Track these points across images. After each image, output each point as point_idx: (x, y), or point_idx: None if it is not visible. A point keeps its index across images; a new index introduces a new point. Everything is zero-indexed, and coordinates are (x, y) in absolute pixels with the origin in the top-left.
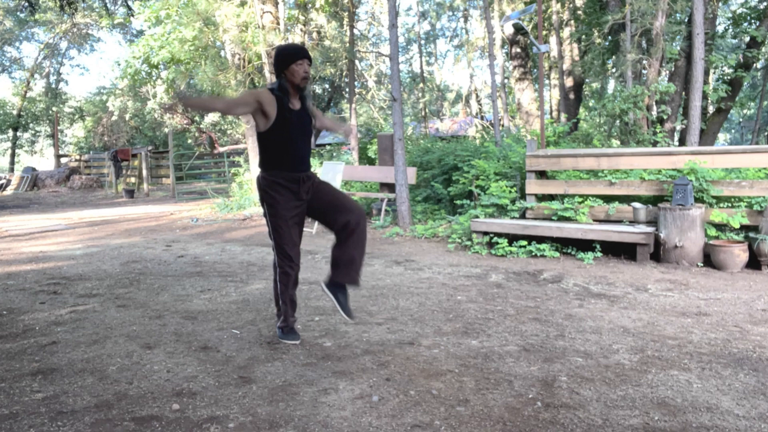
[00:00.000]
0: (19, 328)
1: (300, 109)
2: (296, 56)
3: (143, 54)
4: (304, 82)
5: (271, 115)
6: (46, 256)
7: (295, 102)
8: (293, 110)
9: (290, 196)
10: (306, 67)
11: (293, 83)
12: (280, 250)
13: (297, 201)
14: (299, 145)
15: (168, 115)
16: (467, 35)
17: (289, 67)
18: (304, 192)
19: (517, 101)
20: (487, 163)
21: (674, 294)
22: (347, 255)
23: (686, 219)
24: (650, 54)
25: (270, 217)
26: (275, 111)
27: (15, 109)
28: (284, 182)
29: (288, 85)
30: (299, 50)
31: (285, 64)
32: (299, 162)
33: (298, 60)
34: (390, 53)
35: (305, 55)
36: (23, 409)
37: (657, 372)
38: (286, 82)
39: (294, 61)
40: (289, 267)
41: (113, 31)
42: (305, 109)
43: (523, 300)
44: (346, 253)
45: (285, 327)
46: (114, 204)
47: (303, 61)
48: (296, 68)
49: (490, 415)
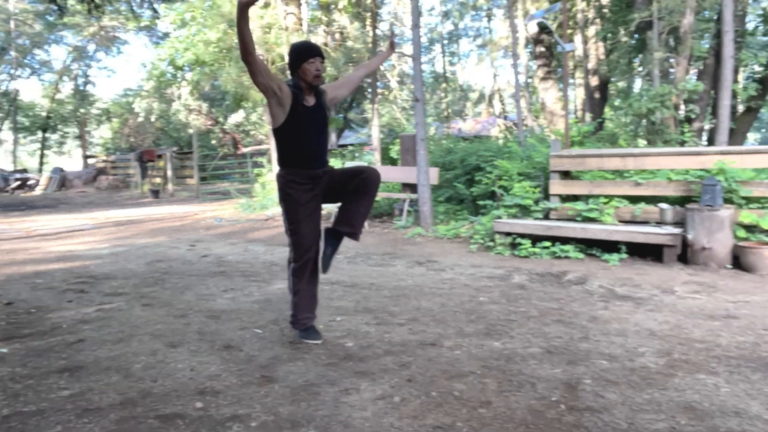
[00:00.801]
0: (47, 326)
1: (314, 105)
2: (307, 54)
3: (168, 56)
4: (317, 80)
5: (286, 108)
6: (74, 255)
7: (310, 99)
8: (307, 107)
9: (307, 192)
10: (318, 65)
11: (306, 81)
12: (297, 244)
13: (312, 194)
14: (313, 142)
15: (192, 116)
16: (490, 34)
17: (301, 66)
18: (320, 188)
19: (541, 101)
20: (510, 163)
21: (702, 296)
22: (354, 206)
23: (715, 220)
24: (678, 52)
25: (287, 214)
26: (289, 106)
27: (44, 110)
28: (300, 180)
29: (301, 83)
30: (310, 48)
31: (297, 62)
32: (314, 159)
33: (310, 58)
34: (413, 53)
35: (316, 53)
36: (50, 406)
37: (684, 375)
38: (300, 80)
39: (306, 59)
40: (305, 260)
41: (139, 33)
42: (320, 104)
43: (547, 302)
44: (354, 205)
45: (295, 322)
46: (139, 204)
47: (315, 59)
48: (308, 67)
49: (513, 417)
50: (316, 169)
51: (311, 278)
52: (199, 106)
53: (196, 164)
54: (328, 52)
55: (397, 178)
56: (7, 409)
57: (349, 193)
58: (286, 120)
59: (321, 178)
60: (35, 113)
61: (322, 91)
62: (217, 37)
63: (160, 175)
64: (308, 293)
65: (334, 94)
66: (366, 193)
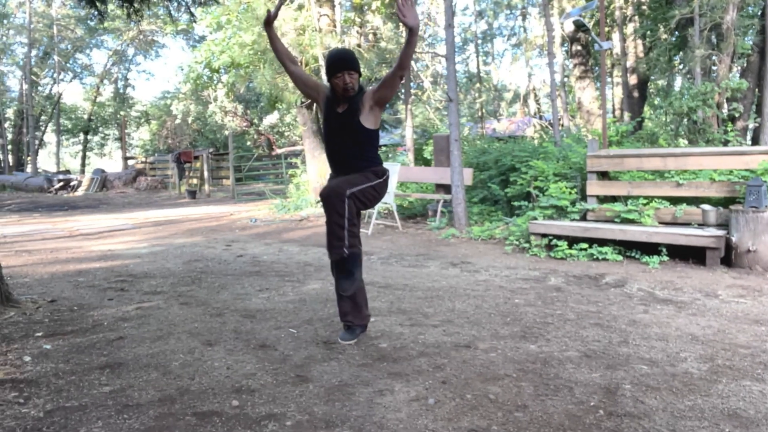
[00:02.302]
0: (89, 323)
1: (345, 111)
2: (333, 70)
3: (205, 59)
4: (346, 93)
5: (321, 109)
6: (114, 255)
7: (343, 105)
8: (336, 112)
9: None
10: (346, 78)
11: (336, 93)
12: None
13: None
14: (336, 148)
15: (228, 118)
16: (525, 33)
17: (330, 80)
18: None
19: (577, 100)
20: (545, 163)
21: (747, 300)
22: None
23: (760, 222)
24: (720, 49)
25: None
26: (323, 109)
27: (86, 113)
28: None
29: (332, 93)
30: (336, 64)
31: (327, 75)
32: (337, 164)
33: (337, 73)
34: (446, 53)
35: (343, 68)
36: (92, 402)
37: (728, 382)
38: (331, 90)
39: (333, 74)
40: (357, 251)
41: (177, 37)
42: (351, 110)
43: (584, 304)
44: None
45: (343, 324)
46: (177, 204)
47: (341, 74)
48: (336, 81)
49: (550, 422)
50: (337, 174)
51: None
52: (234, 107)
53: (231, 165)
54: (362, 53)
55: (431, 178)
56: (50, 404)
57: None
58: (322, 124)
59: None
60: (77, 116)
61: (358, 97)
62: (251, 39)
63: (197, 176)
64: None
65: (378, 96)
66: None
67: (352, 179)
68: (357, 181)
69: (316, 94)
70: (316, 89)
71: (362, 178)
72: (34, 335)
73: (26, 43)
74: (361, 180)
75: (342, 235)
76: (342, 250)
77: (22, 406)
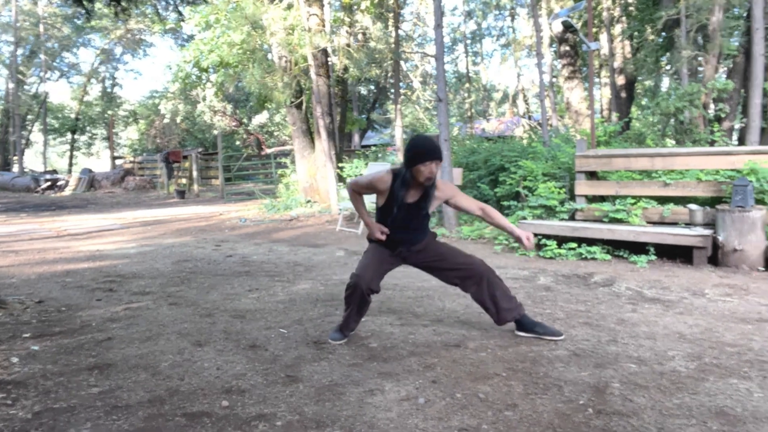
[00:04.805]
0: (77, 324)
1: (416, 202)
2: (425, 158)
3: (193, 58)
4: (428, 181)
5: (384, 198)
6: (102, 255)
7: (414, 193)
8: (403, 204)
9: (389, 251)
10: (433, 168)
11: (417, 180)
12: (360, 267)
13: (394, 256)
14: (399, 230)
15: (217, 117)
16: (514, 34)
17: (416, 166)
18: (403, 255)
19: (565, 100)
20: (534, 163)
21: (733, 299)
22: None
23: (746, 221)
24: (707, 50)
25: (368, 249)
26: (384, 201)
27: (73, 112)
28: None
29: (411, 180)
30: (428, 152)
31: (413, 161)
32: (398, 242)
33: (427, 161)
34: (435, 53)
35: (434, 157)
36: (80, 403)
37: (715, 380)
38: (411, 177)
39: (422, 161)
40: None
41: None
42: (423, 199)
43: (573, 303)
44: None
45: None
46: (166, 204)
47: (432, 162)
48: (422, 169)
49: (539, 420)
50: (398, 248)
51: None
52: (223, 107)
53: (220, 165)
54: (351, 52)
55: None
56: (38, 406)
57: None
58: (383, 205)
59: (403, 254)
60: (64, 115)
61: (432, 188)
62: (240, 39)
63: (185, 175)
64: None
65: (449, 197)
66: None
67: (449, 247)
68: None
69: (375, 191)
70: (375, 188)
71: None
72: (22, 336)
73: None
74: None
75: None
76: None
77: (10, 408)
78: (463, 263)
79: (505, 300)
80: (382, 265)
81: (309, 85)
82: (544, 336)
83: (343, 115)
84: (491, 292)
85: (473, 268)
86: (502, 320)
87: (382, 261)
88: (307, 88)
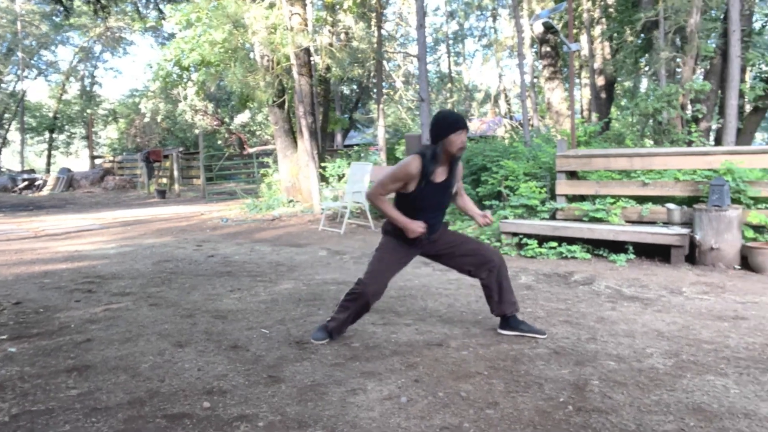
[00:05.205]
0: (55, 325)
1: (444, 181)
2: (457, 126)
3: (174, 56)
4: (461, 152)
5: (413, 185)
6: (81, 255)
7: (441, 172)
8: (432, 183)
9: (408, 246)
10: (464, 137)
11: (449, 152)
12: (371, 273)
13: (412, 249)
14: (429, 214)
15: (198, 117)
16: (496, 34)
17: (448, 137)
18: (421, 249)
19: (546, 101)
20: (516, 163)
21: (710, 297)
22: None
23: (723, 220)
24: (685, 52)
25: (380, 247)
26: (416, 184)
27: (51, 111)
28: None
29: (442, 154)
30: (460, 120)
31: (445, 132)
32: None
33: (459, 130)
34: (418, 53)
35: (465, 126)
36: (59, 405)
37: (692, 377)
38: (442, 150)
39: (455, 130)
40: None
41: (145, 34)
42: (450, 178)
43: (554, 302)
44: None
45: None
46: (146, 204)
47: (463, 131)
48: (455, 138)
49: (520, 418)
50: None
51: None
52: (205, 106)
53: (202, 164)
54: (334, 52)
55: None
56: (16, 408)
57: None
58: (414, 191)
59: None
60: (42, 114)
61: (458, 161)
62: (222, 37)
63: (166, 175)
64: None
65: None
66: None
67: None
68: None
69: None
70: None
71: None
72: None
73: None
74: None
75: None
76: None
77: None
78: (477, 249)
79: (509, 293)
80: (395, 268)
81: (291, 84)
82: (527, 333)
83: (325, 114)
84: (500, 280)
85: (488, 254)
86: (501, 311)
87: (398, 263)
88: (289, 88)
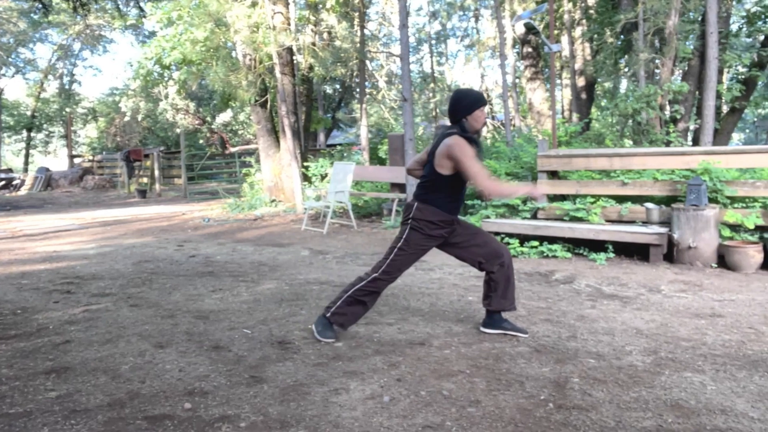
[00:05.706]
0: (33, 327)
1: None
2: (480, 102)
3: (155, 55)
4: (484, 126)
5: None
6: (60, 256)
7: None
8: None
9: (433, 239)
10: (485, 113)
11: (474, 128)
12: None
13: (436, 241)
14: (460, 195)
15: (180, 116)
16: (478, 35)
17: (473, 113)
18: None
19: (528, 101)
20: (498, 163)
21: (688, 295)
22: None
23: (700, 220)
24: (663, 53)
25: (404, 243)
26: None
27: (29, 110)
28: (440, 223)
29: (470, 130)
30: (481, 96)
31: (470, 109)
32: (457, 208)
33: (484, 105)
34: (401, 53)
35: (486, 101)
36: (37, 408)
37: (670, 374)
38: (468, 126)
39: (480, 106)
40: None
41: (126, 32)
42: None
43: (535, 301)
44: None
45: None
46: (126, 204)
47: (485, 106)
48: (479, 114)
49: (502, 416)
50: (454, 215)
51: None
52: (186, 105)
53: (183, 164)
54: (316, 51)
55: (386, 177)
56: None
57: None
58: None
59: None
60: (20, 112)
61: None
62: (204, 36)
63: (147, 174)
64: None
65: None
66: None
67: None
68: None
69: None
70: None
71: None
72: None
73: None
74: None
75: None
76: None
77: None
78: (489, 241)
79: (513, 290)
80: (413, 261)
81: (274, 83)
82: (510, 332)
83: (308, 114)
84: (508, 275)
85: (499, 248)
86: (500, 307)
87: (416, 256)
88: (272, 87)
